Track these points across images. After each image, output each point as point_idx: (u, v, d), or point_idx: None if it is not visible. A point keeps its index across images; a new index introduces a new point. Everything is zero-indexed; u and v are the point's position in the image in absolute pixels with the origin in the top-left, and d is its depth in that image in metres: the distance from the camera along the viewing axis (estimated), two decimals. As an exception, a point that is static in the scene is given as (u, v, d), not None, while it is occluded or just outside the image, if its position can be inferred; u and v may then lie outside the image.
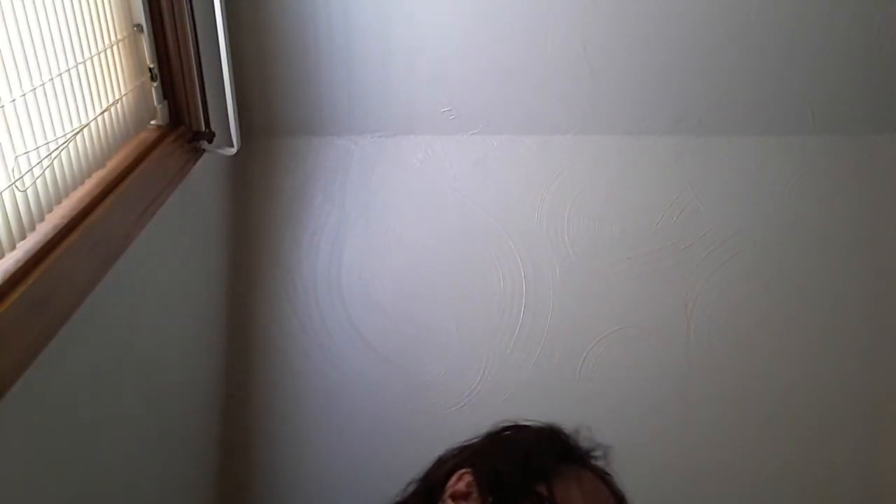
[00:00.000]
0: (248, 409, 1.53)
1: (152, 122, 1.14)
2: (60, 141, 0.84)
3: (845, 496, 1.51)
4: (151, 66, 1.10)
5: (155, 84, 1.11)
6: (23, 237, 0.78)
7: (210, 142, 1.24)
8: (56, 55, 0.84)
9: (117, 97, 1.00)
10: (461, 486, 0.74)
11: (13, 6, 0.76)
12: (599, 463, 0.79)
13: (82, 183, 0.91)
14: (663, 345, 1.51)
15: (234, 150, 1.31)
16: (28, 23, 0.78)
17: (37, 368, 0.76)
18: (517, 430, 0.83)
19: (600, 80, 1.45)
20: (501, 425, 0.83)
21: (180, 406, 1.28)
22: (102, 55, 0.95)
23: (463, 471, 0.75)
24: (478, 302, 1.52)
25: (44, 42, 0.82)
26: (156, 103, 1.13)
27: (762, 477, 1.51)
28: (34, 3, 0.80)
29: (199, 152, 1.23)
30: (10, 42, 0.75)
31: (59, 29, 0.85)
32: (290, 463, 1.53)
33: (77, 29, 0.89)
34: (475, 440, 0.83)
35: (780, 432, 1.51)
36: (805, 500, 1.52)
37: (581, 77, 1.45)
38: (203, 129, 1.22)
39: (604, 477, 0.77)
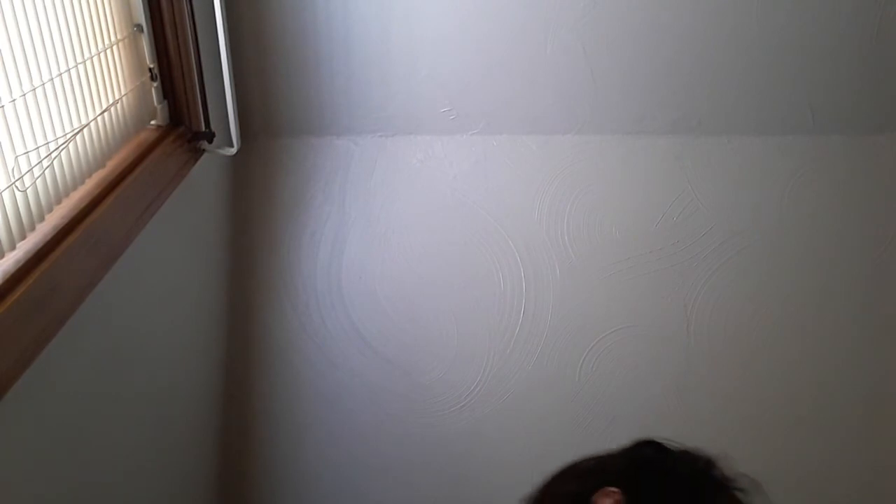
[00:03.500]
0: (248, 409, 1.53)
1: (152, 122, 1.14)
2: (60, 141, 0.84)
3: (845, 495, 1.51)
4: (151, 66, 1.10)
5: (155, 84, 1.11)
6: (23, 237, 0.78)
7: (210, 142, 1.24)
8: (56, 55, 0.84)
9: (117, 97, 1.00)
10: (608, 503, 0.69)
11: (13, 6, 0.76)
12: (743, 494, 0.75)
13: (82, 183, 0.91)
14: (663, 345, 1.51)
15: (234, 150, 1.31)
16: (28, 23, 0.79)
17: (37, 368, 0.76)
18: (661, 451, 0.78)
19: (600, 80, 1.45)
20: (639, 442, 0.78)
21: (180, 406, 1.28)
22: (102, 55, 0.95)
23: (611, 489, 0.70)
24: (478, 302, 1.52)
25: (44, 42, 0.82)
26: (156, 103, 1.13)
27: (762, 476, 1.51)
28: (34, 3, 0.80)
29: (199, 152, 1.23)
30: (10, 42, 0.75)
31: (59, 29, 0.85)
32: (289, 462, 1.53)
33: (77, 29, 0.89)
34: (611, 456, 0.78)
35: (781, 431, 1.51)
36: (805, 498, 1.52)
37: (581, 77, 1.45)
38: (203, 129, 1.22)
39: None
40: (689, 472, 0.74)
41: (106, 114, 0.96)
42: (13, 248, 0.77)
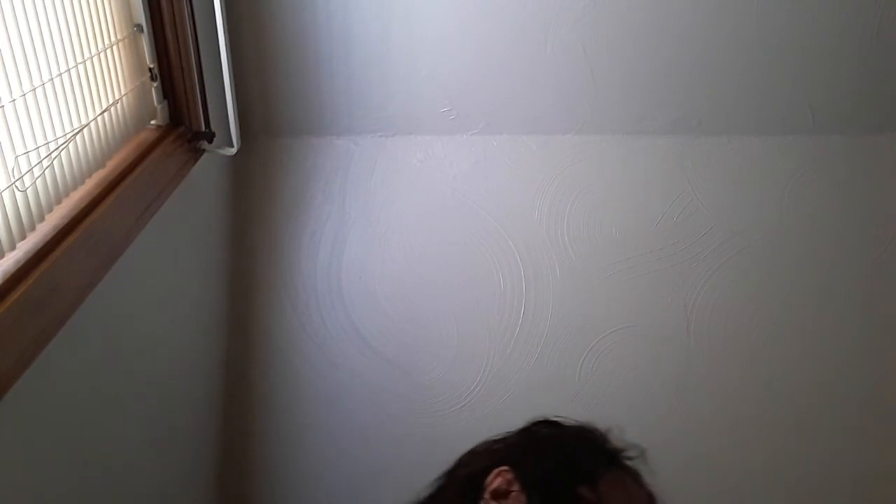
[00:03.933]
0: (248, 409, 1.53)
1: (152, 122, 1.14)
2: (60, 141, 0.84)
3: (845, 495, 1.51)
4: (151, 66, 1.10)
5: (155, 84, 1.11)
6: (23, 237, 0.78)
7: (210, 142, 1.24)
8: (56, 55, 0.84)
9: (117, 97, 1.00)
10: (500, 483, 0.72)
11: (13, 6, 0.76)
12: (633, 463, 0.78)
13: (82, 183, 0.91)
14: (663, 345, 1.51)
15: (234, 150, 1.31)
16: (28, 23, 0.79)
17: (37, 368, 0.76)
18: (554, 428, 0.81)
19: (600, 80, 1.45)
20: (535, 422, 0.82)
21: (180, 405, 1.28)
22: (102, 55, 0.95)
23: (502, 468, 0.73)
24: (478, 302, 1.52)
25: (44, 42, 0.82)
26: (156, 103, 1.13)
27: (763, 475, 1.51)
28: (34, 3, 0.80)
29: (199, 152, 1.23)
30: (10, 42, 0.75)
31: (59, 29, 0.85)
32: (289, 463, 1.53)
33: (77, 29, 0.89)
34: (508, 436, 0.81)
35: (780, 431, 1.51)
36: (805, 498, 1.52)
37: (581, 77, 1.45)
38: (203, 129, 1.22)
39: (635, 477, 0.77)
40: (580, 445, 0.77)
41: (106, 114, 0.96)
42: (13, 248, 0.77)
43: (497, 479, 0.72)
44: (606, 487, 0.71)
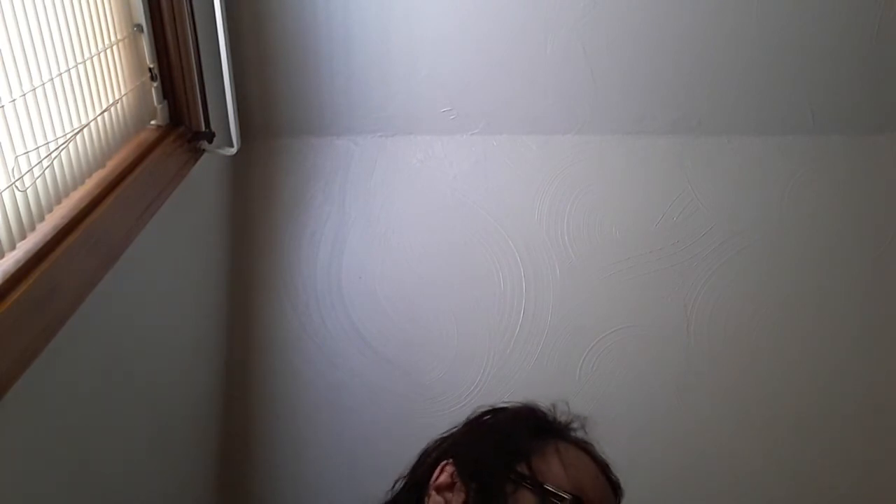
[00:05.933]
0: (248, 409, 1.53)
1: (152, 122, 1.14)
2: (60, 141, 0.84)
3: (845, 495, 1.51)
4: (151, 66, 1.10)
5: (155, 84, 1.11)
6: (23, 237, 0.78)
7: (210, 142, 1.24)
8: (56, 55, 0.84)
9: (117, 97, 1.00)
10: (444, 477, 0.74)
11: (13, 6, 0.76)
12: (579, 434, 0.79)
13: (82, 183, 0.91)
14: (663, 345, 1.51)
15: (234, 150, 1.31)
16: (28, 23, 0.79)
17: (37, 368, 0.76)
18: (494, 413, 0.83)
19: (600, 80, 1.45)
20: (479, 411, 0.84)
21: (180, 406, 1.28)
22: (102, 55, 0.95)
23: (445, 462, 0.75)
24: (478, 302, 1.52)
25: (44, 42, 0.82)
26: (156, 103, 1.13)
27: (762, 475, 1.51)
28: (34, 3, 0.80)
29: (199, 152, 1.23)
30: (10, 42, 0.75)
31: (59, 29, 0.85)
32: (289, 463, 1.53)
33: (77, 29, 0.89)
34: (455, 430, 0.84)
35: (781, 431, 1.51)
36: (804, 497, 1.52)
37: (581, 77, 1.45)
38: (203, 129, 1.22)
39: (584, 447, 0.78)
40: (515, 426, 0.78)
41: (106, 114, 0.96)
42: (13, 248, 0.77)
43: (441, 473, 0.74)
44: (542, 461, 0.72)
